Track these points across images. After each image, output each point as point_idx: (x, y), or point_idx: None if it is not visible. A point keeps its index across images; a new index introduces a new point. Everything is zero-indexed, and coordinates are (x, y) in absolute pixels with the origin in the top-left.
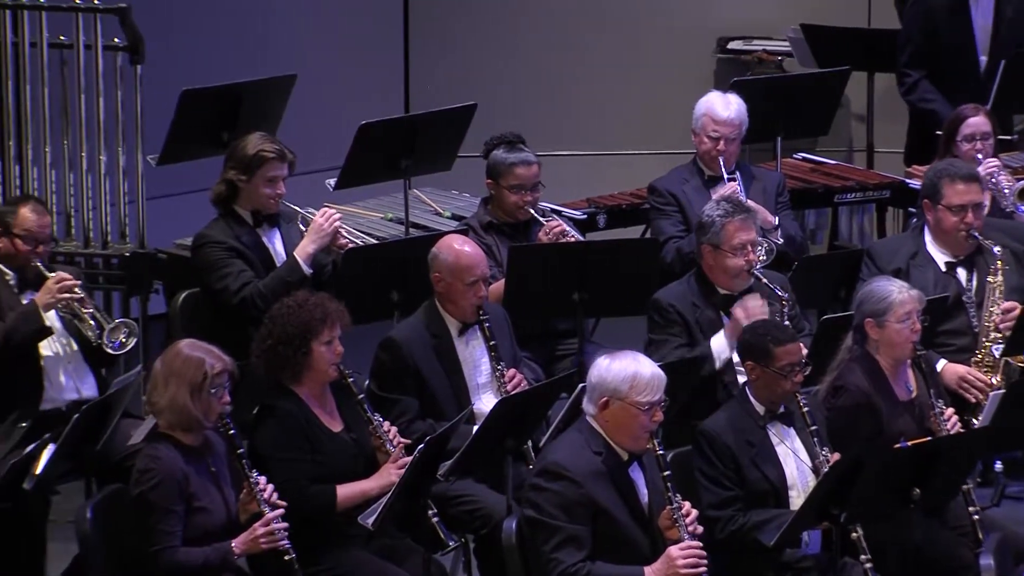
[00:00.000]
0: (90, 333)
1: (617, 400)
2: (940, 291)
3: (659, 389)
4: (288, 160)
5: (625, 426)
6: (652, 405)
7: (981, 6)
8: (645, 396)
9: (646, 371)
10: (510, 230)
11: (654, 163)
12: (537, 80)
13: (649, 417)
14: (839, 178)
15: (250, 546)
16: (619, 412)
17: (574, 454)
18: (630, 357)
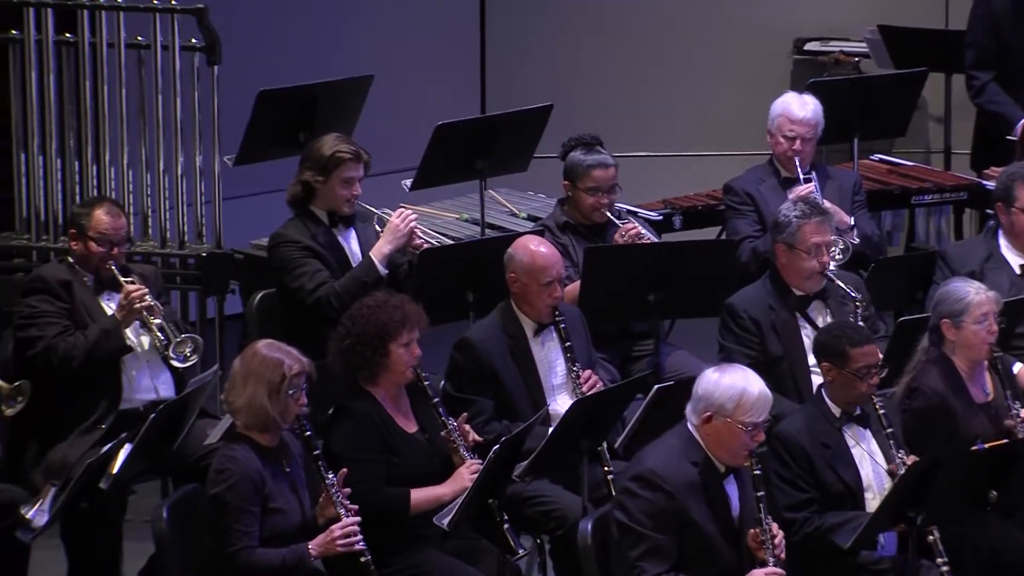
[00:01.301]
0: (157, 344)
1: (721, 416)
2: (1015, 294)
3: (764, 410)
4: (364, 161)
5: (726, 443)
6: (756, 426)
7: None
8: (750, 417)
9: (754, 390)
10: (586, 231)
11: (730, 164)
12: (614, 81)
13: (751, 437)
14: (916, 179)
15: (327, 548)
16: (722, 428)
17: (671, 463)
18: (740, 373)
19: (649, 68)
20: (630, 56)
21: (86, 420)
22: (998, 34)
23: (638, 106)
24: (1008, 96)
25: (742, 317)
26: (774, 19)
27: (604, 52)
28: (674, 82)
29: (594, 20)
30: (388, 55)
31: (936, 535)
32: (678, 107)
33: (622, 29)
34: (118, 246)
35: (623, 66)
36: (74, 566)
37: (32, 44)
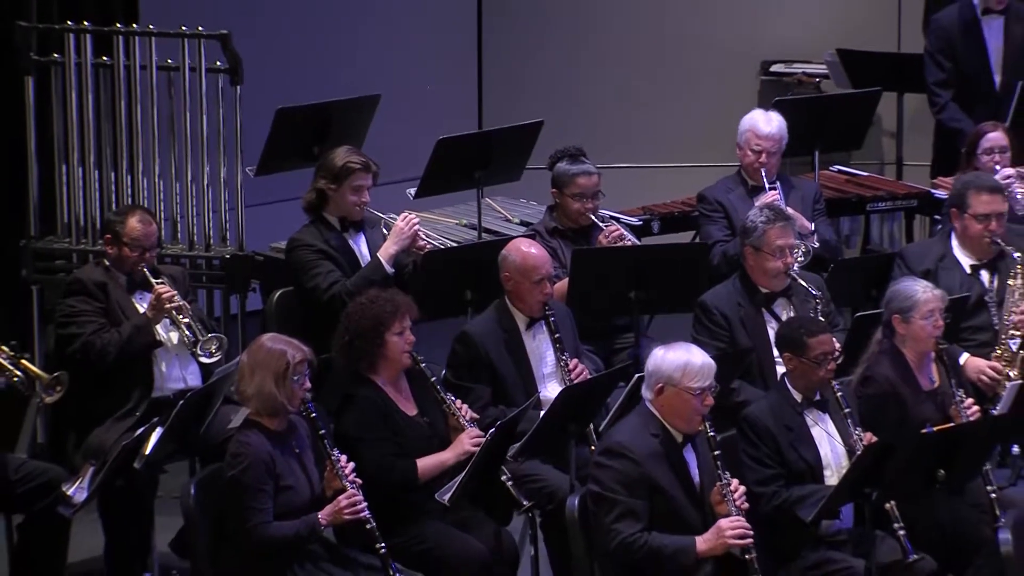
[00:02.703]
0: (185, 340)
1: (671, 386)
2: (965, 291)
3: (709, 376)
4: (373, 171)
5: (679, 410)
6: (703, 390)
7: (992, 28)
8: (696, 382)
9: (697, 360)
10: (573, 235)
11: (703, 174)
12: (598, 99)
13: (700, 401)
14: (871, 188)
15: (335, 517)
16: (673, 397)
17: (634, 436)
18: (683, 348)
19: (630, 87)
20: (614, 76)
21: (122, 407)
22: (952, 53)
23: (620, 121)
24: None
25: (713, 313)
26: (743, 44)
27: (590, 72)
28: (653, 100)
29: (581, 43)
30: (394, 75)
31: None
32: (656, 122)
33: (607, 52)
34: (149, 250)
35: (607, 85)
36: (110, 538)
37: (72, 67)
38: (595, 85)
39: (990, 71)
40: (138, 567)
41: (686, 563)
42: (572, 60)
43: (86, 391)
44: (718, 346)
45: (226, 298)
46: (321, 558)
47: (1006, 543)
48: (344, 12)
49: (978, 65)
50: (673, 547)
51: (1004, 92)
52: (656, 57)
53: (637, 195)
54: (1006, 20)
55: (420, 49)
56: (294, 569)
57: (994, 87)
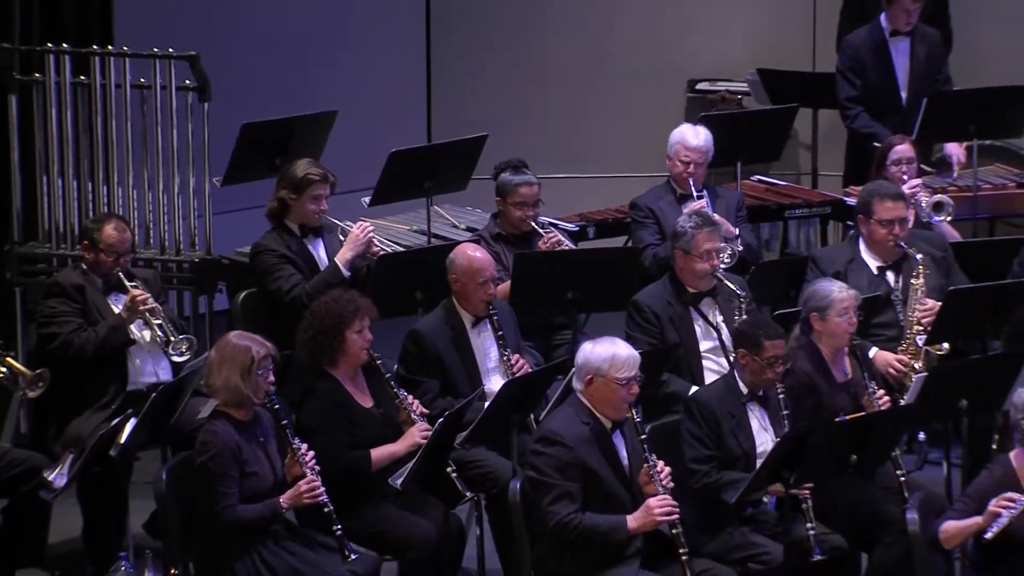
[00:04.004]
0: (157, 340)
1: (600, 377)
2: (872, 291)
3: (634, 367)
4: (330, 182)
5: (607, 398)
6: (629, 380)
7: (899, 48)
8: (623, 373)
9: (623, 352)
10: (515, 240)
11: (635, 184)
12: (539, 114)
13: (627, 390)
14: (788, 196)
15: (295, 500)
16: (602, 387)
17: (567, 424)
18: (609, 341)
19: (568, 103)
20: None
21: (98, 400)
22: (862, 71)
23: (558, 135)
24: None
25: (645, 311)
26: (672, 63)
27: (531, 90)
28: (589, 115)
29: (523, 63)
30: (350, 93)
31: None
32: (592, 136)
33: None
34: (123, 255)
35: (546, 102)
36: (88, 521)
37: (52, 85)
38: (535, 101)
39: (897, 88)
40: (114, 547)
41: (619, 540)
42: (514, 78)
43: (66, 385)
44: (649, 342)
45: (195, 299)
46: (283, 538)
47: (913, 523)
48: (303, 35)
49: (886, 82)
50: (606, 526)
51: (910, 108)
52: (592, 76)
53: (574, 203)
54: (912, 41)
55: (373, 69)
56: (258, 548)
57: (901, 103)
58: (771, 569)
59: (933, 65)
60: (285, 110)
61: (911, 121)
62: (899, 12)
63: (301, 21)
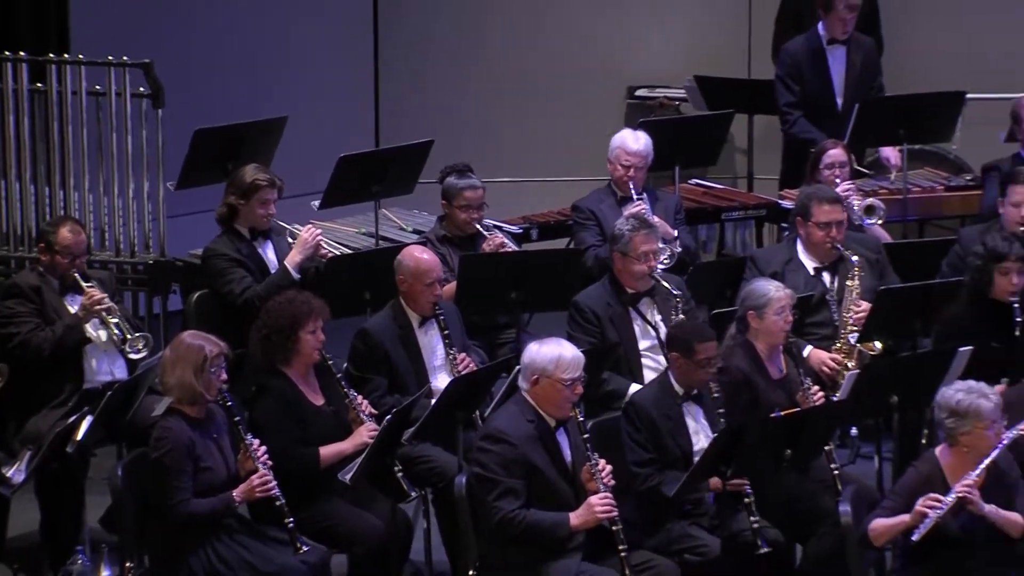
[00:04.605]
0: (114, 339)
1: (545, 377)
2: (809, 291)
3: (579, 368)
4: (278, 186)
5: (552, 398)
6: (573, 381)
7: (836, 56)
8: (567, 374)
9: (568, 353)
10: (460, 242)
11: (576, 187)
12: (484, 119)
13: (571, 391)
14: (725, 199)
15: (248, 495)
16: (547, 387)
17: (512, 422)
18: (555, 342)
19: (512, 109)
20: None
21: (56, 398)
22: (800, 78)
23: (503, 140)
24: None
25: (585, 311)
26: (612, 70)
27: (476, 96)
28: (532, 120)
29: (469, 70)
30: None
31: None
32: (535, 141)
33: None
34: (79, 257)
35: (491, 107)
36: (46, 515)
37: (10, 92)
38: (481, 107)
39: (833, 94)
40: (71, 541)
41: (561, 536)
42: (460, 85)
43: (24, 383)
44: (590, 341)
45: (150, 299)
46: (236, 531)
47: (846, 515)
48: (255, 43)
49: (823, 89)
50: (549, 522)
51: (846, 113)
52: (535, 83)
53: (518, 206)
54: (848, 49)
55: (323, 76)
56: (212, 541)
57: (837, 109)
58: (709, 561)
59: (868, 72)
60: (237, 116)
61: (847, 127)
62: (835, 21)
63: (252, 30)
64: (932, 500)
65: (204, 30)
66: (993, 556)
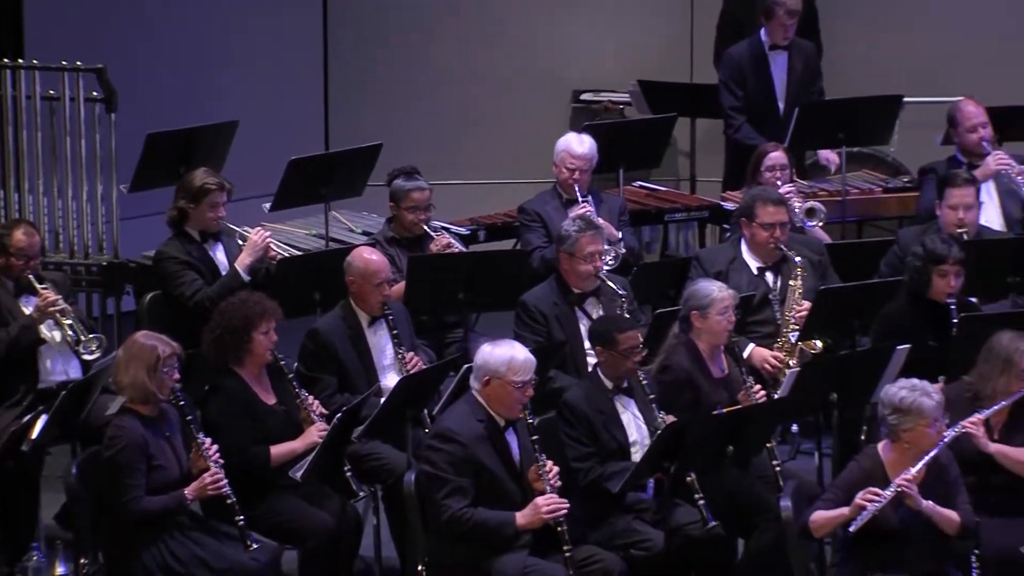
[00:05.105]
0: (68, 339)
1: (497, 379)
2: (752, 290)
3: (530, 371)
4: (227, 189)
5: (503, 400)
6: (524, 383)
7: (777, 62)
8: (519, 376)
9: (520, 356)
10: (408, 243)
11: (523, 189)
12: (431, 122)
13: (522, 393)
14: (668, 201)
15: (199, 492)
16: (498, 388)
17: (462, 421)
18: (508, 344)
19: (459, 112)
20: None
21: (10, 398)
22: (743, 82)
23: (450, 142)
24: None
25: (532, 311)
26: (558, 75)
27: (424, 99)
28: (479, 124)
29: (416, 74)
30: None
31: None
32: (481, 144)
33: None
34: (33, 259)
35: (439, 111)
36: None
37: None
38: (428, 111)
39: (775, 98)
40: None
41: (507, 535)
42: (407, 90)
43: None
44: (536, 340)
45: (103, 300)
46: (188, 528)
47: (787, 510)
48: (206, 48)
49: (765, 94)
50: (495, 521)
51: (787, 117)
52: (482, 87)
53: (465, 208)
54: (790, 55)
55: (273, 81)
56: (164, 538)
57: (779, 113)
58: (653, 555)
59: (809, 77)
60: (189, 120)
61: (788, 130)
62: (777, 27)
63: (204, 35)
64: (871, 493)
65: (156, 36)
66: (929, 551)
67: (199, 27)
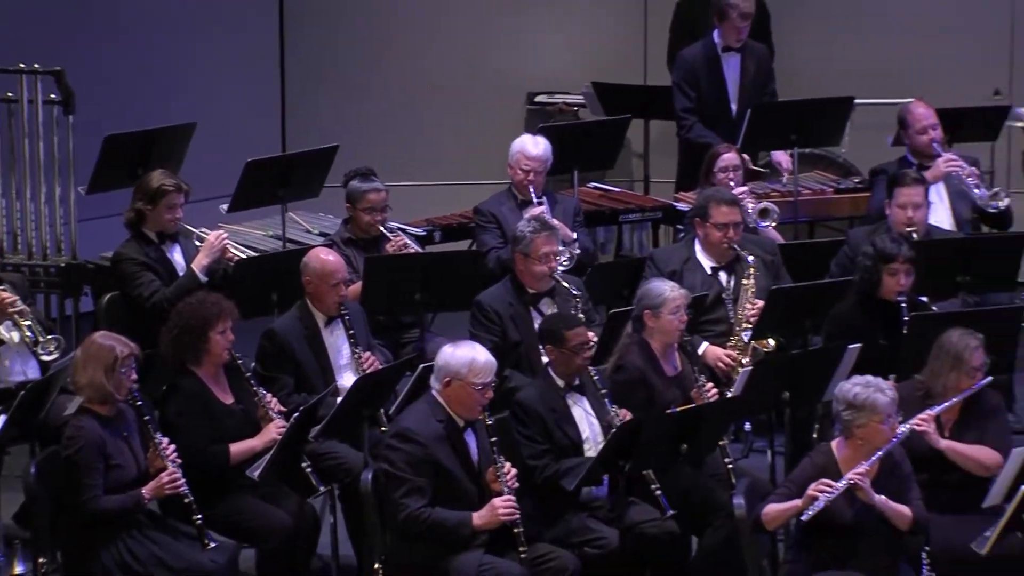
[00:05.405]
0: (27, 340)
1: (457, 380)
2: (706, 289)
3: (491, 373)
4: (184, 191)
5: (463, 401)
6: (485, 386)
7: (730, 64)
8: (480, 379)
9: (481, 358)
10: (365, 244)
11: (478, 190)
12: (387, 124)
13: (482, 395)
14: (622, 202)
15: (157, 492)
16: (459, 390)
17: (421, 421)
18: (469, 346)
19: (415, 114)
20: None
21: None
22: (696, 83)
23: (406, 144)
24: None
25: (487, 310)
26: (512, 77)
27: (380, 102)
28: (434, 126)
29: (372, 76)
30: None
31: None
32: (437, 145)
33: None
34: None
35: (395, 113)
36: None
37: None
38: (384, 113)
39: (728, 100)
40: None
41: (463, 535)
42: (364, 91)
43: None
44: (492, 340)
45: (62, 301)
46: (146, 527)
47: (740, 507)
48: (164, 51)
49: (718, 95)
50: (452, 521)
51: (740, 119)
52: (438, 89)
53: (421, 209)
54: (742, 57)
55: (230, 83)
56: (123, 537)
57: (731, 114)
58: (608, 553)
59: (762, 79)
60: (147, 122)
61: (740, 131)
62: (730, 29)
63: (161, 38)
64: (823, 485)
65: (114, 38)
66: (881, 546)
67: (156, 30)
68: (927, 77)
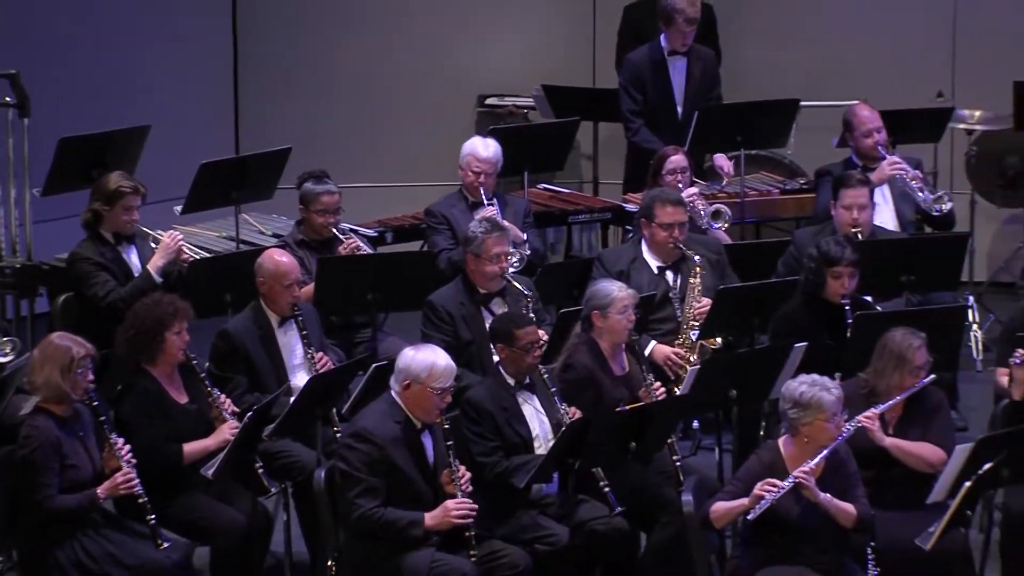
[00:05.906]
0: None
1: (417, 383)
2: (653, 289)
3: (450, 377)
4: (141, 193)
5: (422, 404)
6: (444, 390)
7: (676, 67)
8: (439, 383)
9: (441, 363)
10: (317, 245)
11: (429, 192)
12: (339, 127)
13: (441, 398)
14: (572, 203)
15: (111, 491)
16: (418, 393)
17: (379, 422)
18: (430, 350)
19: (367, 117)
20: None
21: None
22: (642, 87)
23: (358, 146)
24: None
25: (439, 310)
26: (463, 79)
27: (332, 104)
28: (386, 128)
29: (325, 79)
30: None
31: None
32: (389, 147)
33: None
34: None
35: (347, 115)
36: None
37: None
38: (336, 115)
39: (674, 103)
40: None
41: (415, 535)
42: (316, 94)
43: None
44: (444, 339)
45: (17, 302)
46: (101, 526)
47: (688, 504)
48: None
49: (664, 98)
50: (405, 521)
51: (686, 122)
52: (389, 91)
53: (373, 210)
54: (689, 61)
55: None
56: (78, 536)
57: (677, 117)
58: (558, 550)
59: (708, 83)
60: (101, 125)
61: (686, 134)
62: (676, 34)
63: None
64: (769, 484)
65: (69, 41)
66: (827, 543)
67: (111, 32)
68: (871, 79)
